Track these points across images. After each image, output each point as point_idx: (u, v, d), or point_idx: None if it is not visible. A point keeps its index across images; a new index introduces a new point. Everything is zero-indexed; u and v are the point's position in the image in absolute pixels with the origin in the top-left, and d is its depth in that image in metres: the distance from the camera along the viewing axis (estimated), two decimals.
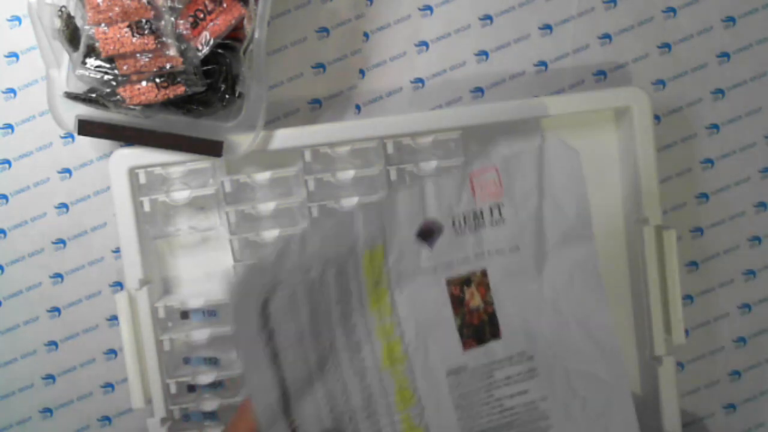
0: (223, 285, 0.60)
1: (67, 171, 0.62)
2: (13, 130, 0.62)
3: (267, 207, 0.58)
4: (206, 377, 0.58)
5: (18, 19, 0.62)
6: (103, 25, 0.49)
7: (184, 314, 0.59)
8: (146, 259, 0.58)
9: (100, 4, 0.48)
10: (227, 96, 0.53)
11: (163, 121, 0.53)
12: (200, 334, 0.58)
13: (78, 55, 0.50)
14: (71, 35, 0.51)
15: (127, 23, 0.49)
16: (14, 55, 0.62)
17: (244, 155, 0.55)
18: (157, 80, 0.50)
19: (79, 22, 0.50)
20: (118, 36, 0.49)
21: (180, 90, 0.51)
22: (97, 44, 0.49)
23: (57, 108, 0.53)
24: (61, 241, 0.63)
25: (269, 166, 0.59)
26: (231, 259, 0.58)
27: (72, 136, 0.62)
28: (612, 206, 0.62)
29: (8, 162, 0.62)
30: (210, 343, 0.59)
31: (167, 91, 0.50)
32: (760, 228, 0.64)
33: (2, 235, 0.62)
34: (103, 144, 0.62)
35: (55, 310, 0.63)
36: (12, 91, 0.62)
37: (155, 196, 0.58)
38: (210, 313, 0.59)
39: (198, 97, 0.52)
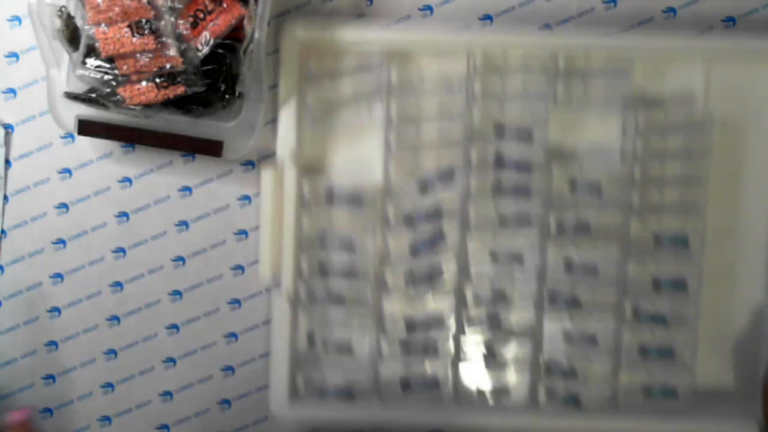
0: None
1: (67, 171, 0.62)
2: (13, 130, 0.62)
3: (429, 104, 0.59)
4: (340, 261, 0.59)
5: (18, 19, 0.62)
6: (103, 25, 0.49)
7: (329, 197, 0.60)
8: (299, 138, 0.59)
9: (100, 4, 0.48)
10: (227, 96, 0.53)
11: (163, 121, 0.53)
12: (341, 217, 0.59)
13: (78, 55, 0.50)
14: (71, 35, 0.51)
15: (127, 23, 0.49)
16: (14, 55, 0.62)
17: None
18: (157, 80, 0.50)
19: (79, 22, 0.50)
20: (118, 36, 0.49)
21: (180, 90, 0.51)
22: (97, 44, 0.49)
23: (57, 108, 0.53)
24: (61, 241, 0.63)
25: (436, 62, 0.60)
26: (384, 151, 0.59)
27: (72, 136, 0.62)
28: None
29: (8, 162, 0.62)
30: (350, 226, 0.60)
31: (167, 91, 0.51)
32: None
33: (2, 234, 0.62)
34: (103, 144, 0.62)
35: (55, 310, 0.63)
36: (12, 91, 0.62)
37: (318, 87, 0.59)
38: (355, 196, 0.59)
39: (198, 97, 0.52)
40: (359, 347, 0.61)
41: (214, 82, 0.52)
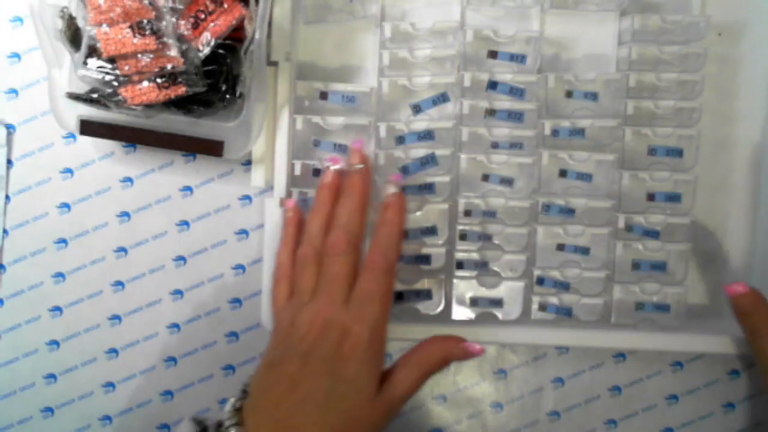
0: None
1: (69, 171, 0.63)
2: (14, 130, 0.62)
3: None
4: (334, 164, 0.58)
5: (20, 19, 0.62)
6: (104, 25, 0.49)
7: (323, 95, 0.59)
8: (294, 39, 0.59)
9: (102, 4, 0.48)
10: (228, 96, 0.53)
11: (164, 121, 0.53)
12: (336, 118, 0.58)
13: (79, 55, 0.51)
14: (73, 36, 0.51)
15: (128, 24, 0.49)
16: (16, 55, 0.62)
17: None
18: (159, 80, 0.51)
19: (80, 23, 0.51)
20: (120, 36, 0.49)
21: (181, 90, 0.51)
22: (98, 45, 0.49)
23: (59, 108, 0.53)
24: (63, 241, 0.63)
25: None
26: (378, 46, 0.59)
27: (74, 136, 0.62)
28: None
29: (10, 162, 0.62)
30: (343, 130, 0.59)
31: (168, 92, 0.51)
32: None
33: (4, 234, 0.63)
34: (104, 144, 0.62)
35: (57, 310, 0.63)
36: (14, 91, 0.62)
37: None
38: (349, 98, 0.59)
39: (199, 97, 0.52)
40: None
41: (214, 82, 0.52)
